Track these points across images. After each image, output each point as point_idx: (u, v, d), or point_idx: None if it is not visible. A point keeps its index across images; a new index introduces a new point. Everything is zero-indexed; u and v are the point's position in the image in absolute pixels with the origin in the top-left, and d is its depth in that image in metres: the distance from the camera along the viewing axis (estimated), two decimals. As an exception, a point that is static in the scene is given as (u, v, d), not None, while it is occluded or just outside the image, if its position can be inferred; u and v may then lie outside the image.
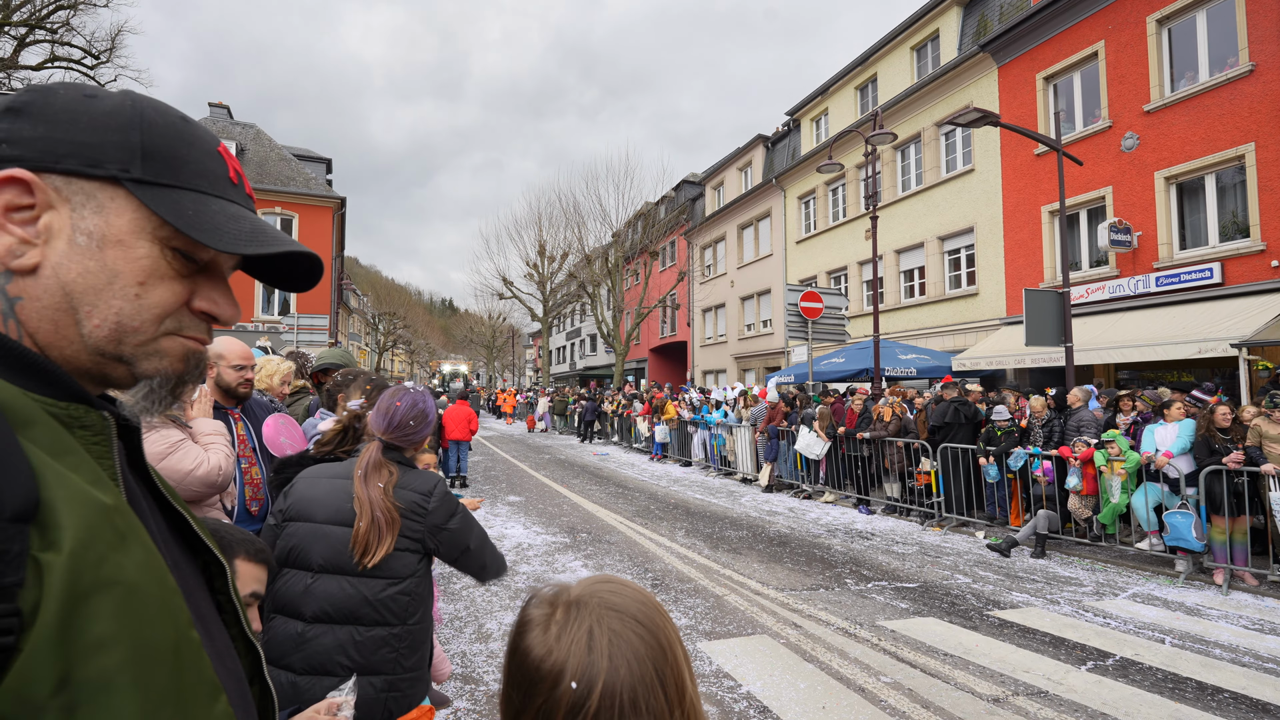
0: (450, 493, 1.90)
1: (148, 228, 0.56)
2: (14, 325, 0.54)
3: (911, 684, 3.72)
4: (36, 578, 0.43)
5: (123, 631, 0.47)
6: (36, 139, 0.53)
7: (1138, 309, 11.65)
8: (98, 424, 0.56)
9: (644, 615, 0.68)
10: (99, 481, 0.51)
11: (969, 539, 7.70)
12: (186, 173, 0.58)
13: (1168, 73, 11.66)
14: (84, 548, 0.46)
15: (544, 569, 6.12)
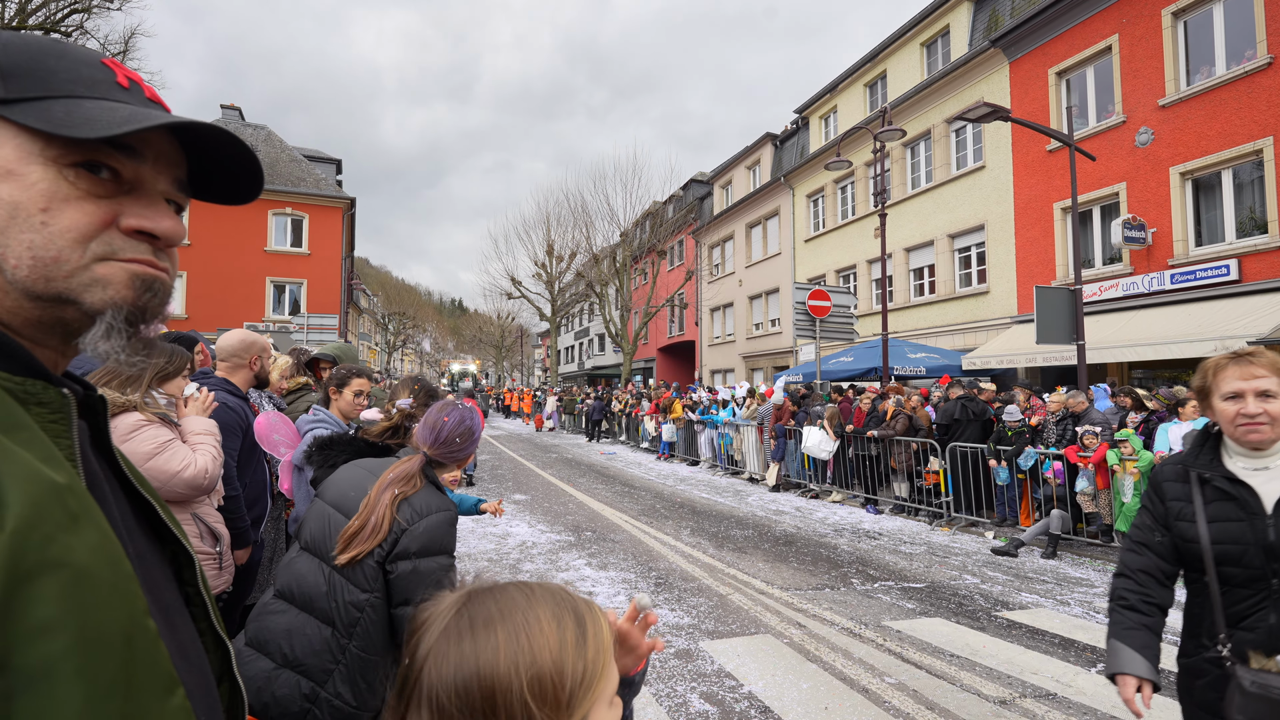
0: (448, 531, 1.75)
1: (34, 150, 0.51)
2: None
3: (916, 685, 3.66)
4: None
5: (68, 617, 0.44)
6: None
7: (1152, 307, 11.47)
8: (55, 401, 0.53)
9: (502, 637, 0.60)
10: (51, 459, 0.48)
11: (978, 539, 7.60)
12: (58, 81, 0.53)
13: (1183, 66, 11.47)
14: (29, 526, 0.43)
15: (548, 568, 6.10)
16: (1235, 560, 1.61)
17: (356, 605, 1.65)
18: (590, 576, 5.79)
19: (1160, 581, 1.79)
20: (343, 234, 25.49)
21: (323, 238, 24.60)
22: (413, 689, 0.60)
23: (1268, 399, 1.58)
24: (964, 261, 15.83)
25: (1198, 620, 1.73)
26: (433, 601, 0.66)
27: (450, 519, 1.76)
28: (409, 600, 1.65)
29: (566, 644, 0.61)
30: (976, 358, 13.15)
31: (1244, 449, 1.64)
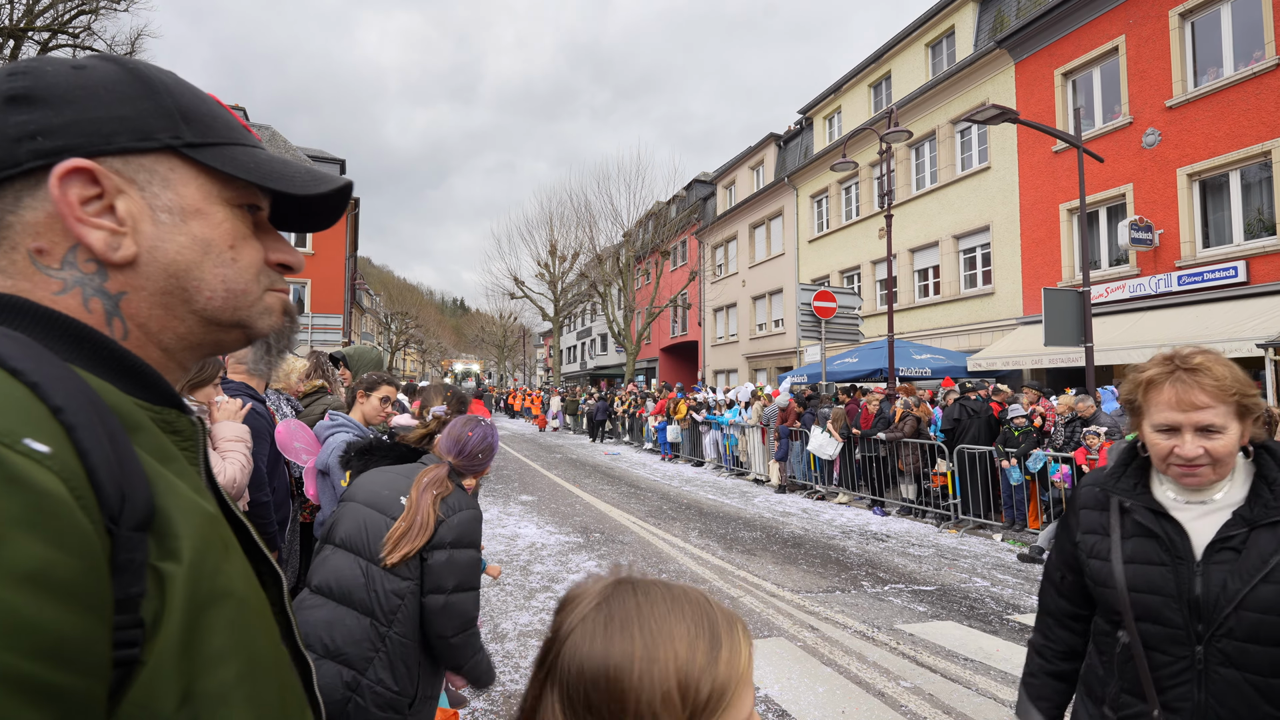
0: (477, 528, 1.90)
1: (214, 192, 0.55)
2: (119, 324, 0.52)
3: (932, 689, 3.66)
4: (157, 588, 0.42)
5: (237, 645, 0.46)
6: (73, 123, 0.49)
7: (1159, 308, 11.45)
8: (188, 429, 0.55)
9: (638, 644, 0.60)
10: (200, 489, 0.50)
11: (986, 541, 7.60)
12: (220, 127, 0.56)
13: (1190, 67, 11.45)
14: (200, 558, 0.45)
15: (558, 569, 6.11)
16: (1152, 615, 1.27)
17: (398, 593, 1.75)
18: (601, 578, 5.79)
19: (1068, 626, 1.50)
20: (346, 234, 25.53)
21: (326, 238, 24.61)
22: (552, 663, 0.62)
23: (1210, 435, 1.21)
24: (969, 263, 15.81)
25: (1099, 683, 1.40)
26: (590, 580, 0.68)
27: (478, 517, 1.92)
28: (440, 588, 1.78)
29: (695, 661, 0.61)
30: (982, 359, 13.14)
31: None
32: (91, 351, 0.49)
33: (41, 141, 0.48)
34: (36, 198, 0.49)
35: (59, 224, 0.49)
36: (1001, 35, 14.24)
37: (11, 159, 0.48)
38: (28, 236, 0.49)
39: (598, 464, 15.10)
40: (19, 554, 0.35)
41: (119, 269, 0.51)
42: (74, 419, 0.42)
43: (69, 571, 0.37)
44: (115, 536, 0.41)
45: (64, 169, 0.48)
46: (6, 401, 0.40)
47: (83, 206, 0.49)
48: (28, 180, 0.49)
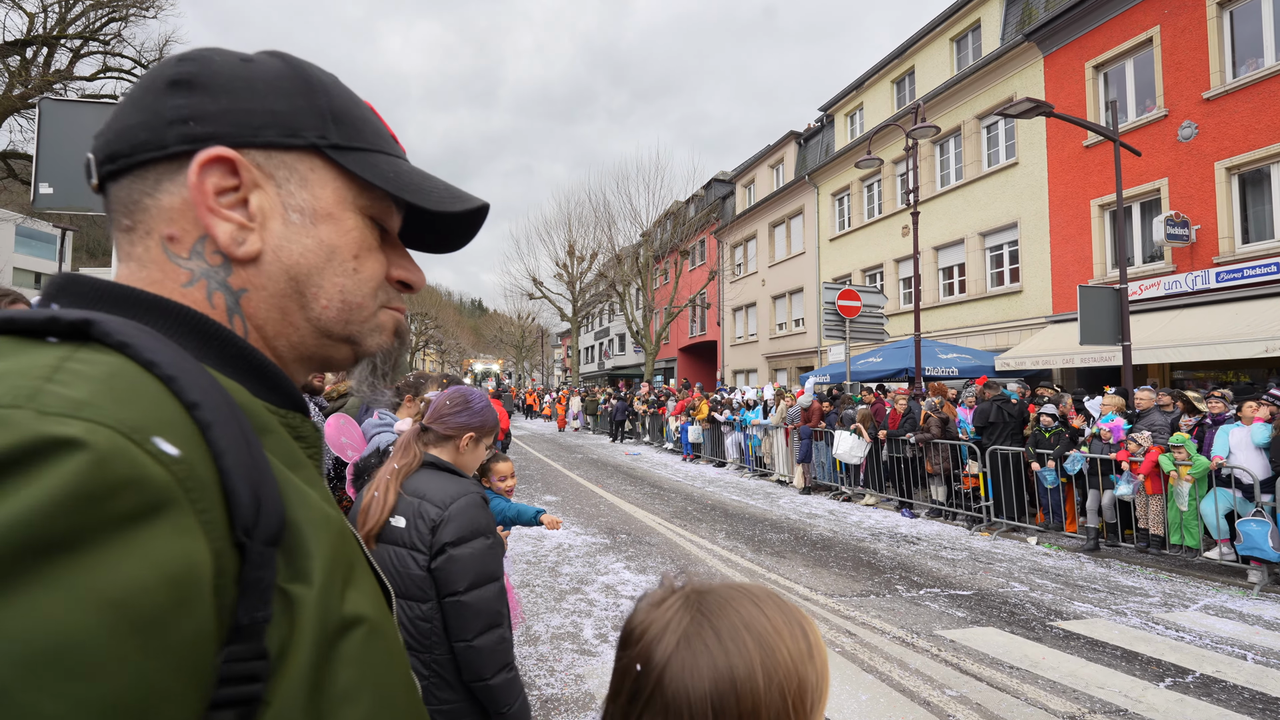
0: (480, 513, 1.66)
1: (349, 198, 0.52)
2: (239, 321, 0.49)
3: (979, 698, 3.56)
4: (286, 613, 0.37)
5: (367, 679, 0.41)
6: (225, 112, 0.48)
7: (1196, 306, 11.14)
8: (311, 435, 0.51)
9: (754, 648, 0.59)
10: (329, 500, 0.46)
11: (1021, 545, 7.43)
12: (369, 133, 0.54)
13: (1229, 58, 11.12)
14: (331, 579, 0.41)
15: (586, 570, 6.07)
16: None
17: (424, 618, 1.60)
18: (631, 580, 5.75)
19: None
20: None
21: (349, 239, 24.86)
22: (651, 696, 0.58)
23: None
24: (995, 260, 15.53)
25: None
26: (650, 603, 0.65)
27: (477, 501, 1.68)
28: (453, 590, 1.59)
29: (803, 654, 0.61)
30: (1010, 358, 12.89)
31: None
32: (220, 349, 0.46)
33: (192, 127, 0.47)
34: (176, 183, 0.47)
35: (191, 212, 0.47)
36: (1030, 28, 13.96)
37: (159, 141, 0.46)
38: (162, 222, 0.47)
39: (619, 464, 15.07)
40: (116, 573, 0.30)
41: (242, 264, 0.49)
42: (210, 416, 0.38)
43: (156, 604, 0.31)
44: (246, 551, 0.36)
45: (207, 156, 0.46)
46: (140, 395, 0.36)
47: (217, 197, 0.47)
48: (170, 165, 0.47)
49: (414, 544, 1.62)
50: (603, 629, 4.58)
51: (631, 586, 5.57)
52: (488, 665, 1.58)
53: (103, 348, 0.38)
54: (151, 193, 0.47)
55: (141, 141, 0.46)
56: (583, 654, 4.16)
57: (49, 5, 15.55)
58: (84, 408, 0.33)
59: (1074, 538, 7.47)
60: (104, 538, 0.30)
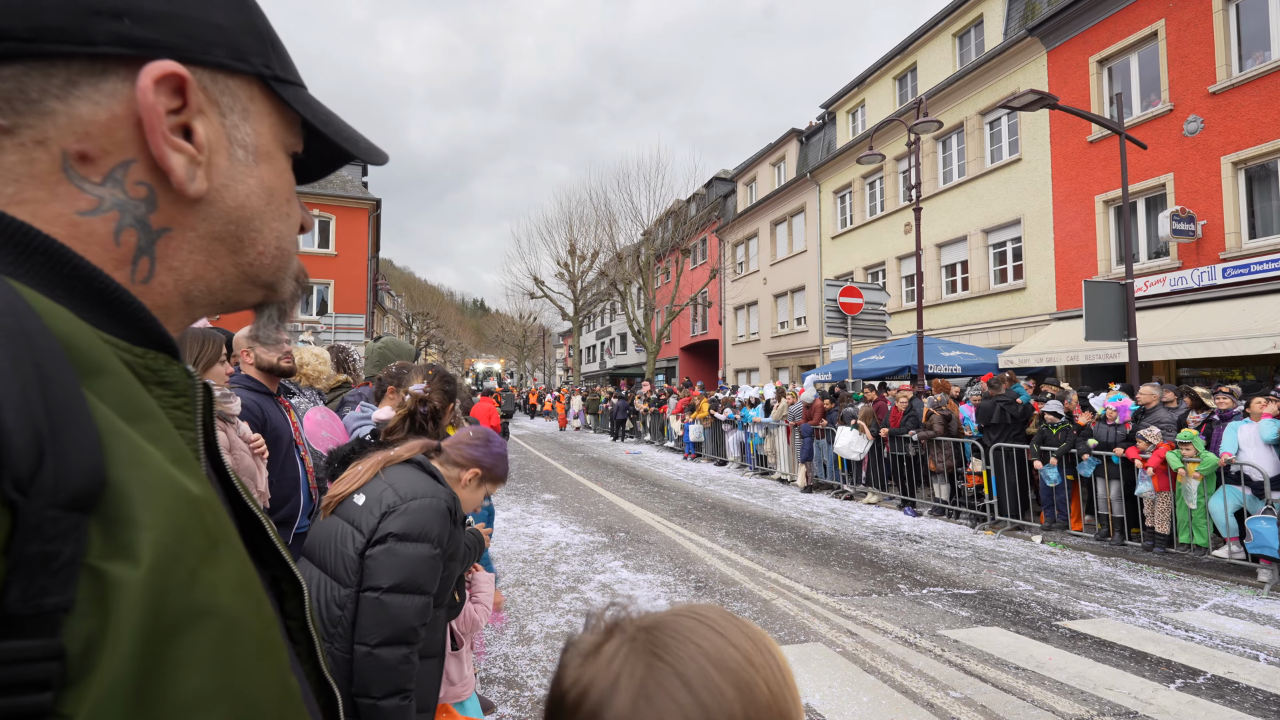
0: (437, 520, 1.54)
1: (280, 136, 0.47)
2: (146, 264, 0.41)
3: (984, 700, 3.46)
4: (97, 600, 0.28)
5: (222, 684, 0.32)
6: (168, 16, 0.40)
7: (1202, 302, 11.01)
8: (180, 381, 0.41)
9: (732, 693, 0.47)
10: (182, 460, 0.36)
11: (1025, 543, 7.32)
12: (291, 64, 0.48)
13: (1235, 52, 10.99)
14: (171, 559, 0.31)
15: (583, 569, 5.98)
16: None
17: (338, 603, 1.48)
18: (628, 579, 5.66)
19: None
20: (368, 235, 25.72)
21: (349, 239, 24.83)
22: None
23: None
24: (999, 257, 15.40)
25: None
26: (582, 655, 0.52)
27: (441, 508, 1.57)
28: (375, 585, 1.46)
29: (779, 681, 0.51)
30: (1014, 355, 12.77)
31: None
32: (45, 265, 0.36)
33: (129, 26, 0.38)
34: (101, 91, 0.38)
35: (124, 131, 0.39)
36: (1033, 23, 13.84)
37: (81, 34, 0.37)
38: (70, 135, 0.38)
39: (620, 463, 14.98)
40: None
41: (176, 202, 0.41)
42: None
43: None
44: (19, 513, 0.27)
45: (161, 71, 0.38)
46: None
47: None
48: (91, 65, 0.38)
49: (359, 523, 1.53)
50: (599, 629, 4.48)
51: (630, 585, 5.48)
52: (379, 682, 1.42)
53: None
54: (61, 96, 0.37)
55: (52, 27, 0.36)
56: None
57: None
58: None
59: (1079, 536, 7.36)
60: None
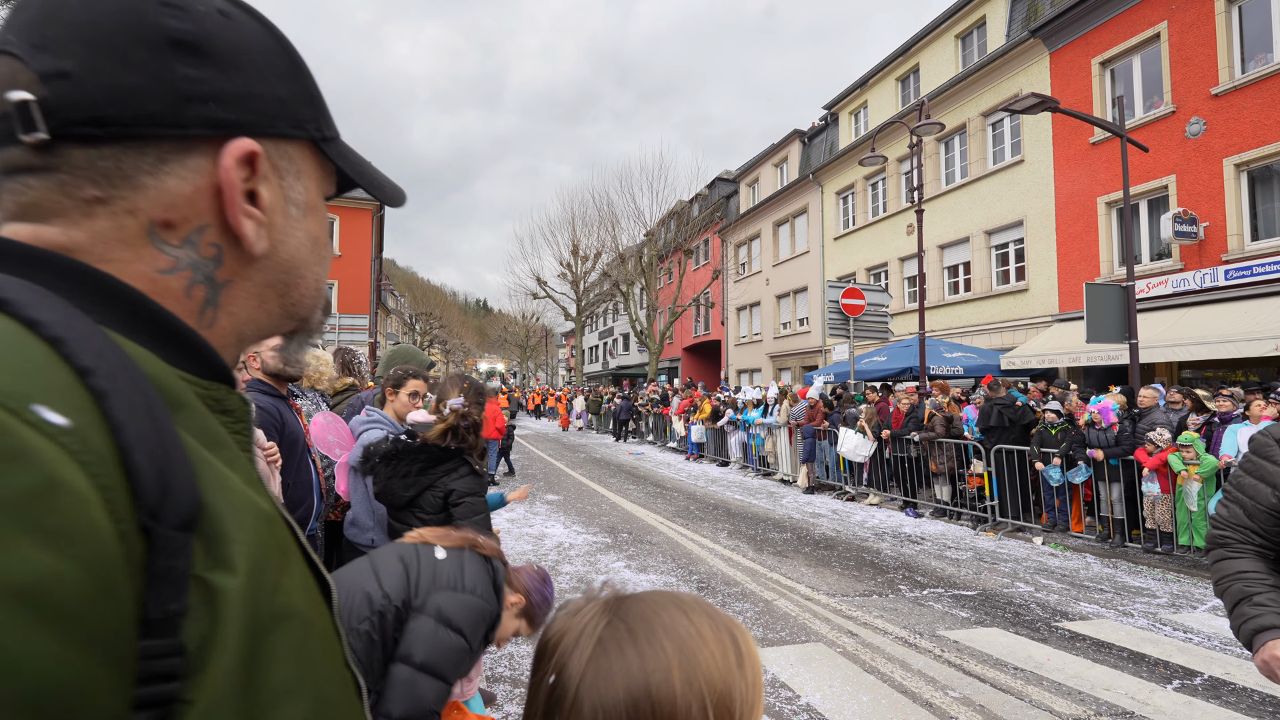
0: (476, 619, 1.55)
1: (322, 187, 0.52)
2: (210, 313, 0.46)
3: (983, 700, 3.50)
4: (205, 606, 0.33)
5: (304, 677, 0.38)
6: (244, 97, 0.44)
7: (1205, 304, 11.02)
8: (239, 409, 0.47)
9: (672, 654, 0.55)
10: (253, 482, 0.42)
11: (1026, 545, 7.35)
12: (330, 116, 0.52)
13: (1238, 54, 11.00)
14: (260, 569, 0.37)
15: (587, 569, 6.03)
16: None
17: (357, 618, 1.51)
18: (631, 580, 5.71)
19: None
20: (372, 236, 25.82)
21: (353, 239, 24.94)
22: (567, 710, 0.54)
23: None
24: (1001, 258, 15.41)
25: None
26: (568, 612, 0.61)
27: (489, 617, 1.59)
28: (411, 659, 1.49)
29: (730, 663, 0.57)
30: (1016, 357, 12.79)
31: None
32: (129, 312, 0.41)
33: (214, 110, 0.43)
34: (186, 167, 0.43)
35: (203, 201, 0.44)
36: (1036, 24, 13.86)
37: (175, 118, 0.42)
38: (158, 206, 0.43)
39: (622, 463, 15.03)
40: (13, 561, 0.27)
41: (242, 260, 0.46)
42: (106, 384, 0.34)
43: (74, 591, 0.28)
44: (153, 537, 0.32)
45: (242, 150, 0.44)
46: (16, 357, 0.32)
47: None
48: (180, 145, 0.43)
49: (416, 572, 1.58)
50: (602, 628, 4.53)
51: (632, 586, 5.52)
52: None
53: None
54: (153, 171, 0.42)
55: (151, 114, 0.41)
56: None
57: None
58: None
59: (1080, 537, 7.39)
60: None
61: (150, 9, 0.42)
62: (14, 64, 0.40)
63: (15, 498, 0.28)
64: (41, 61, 0.39)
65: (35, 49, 0.40)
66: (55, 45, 0.40)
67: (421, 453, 2.03)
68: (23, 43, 0.40)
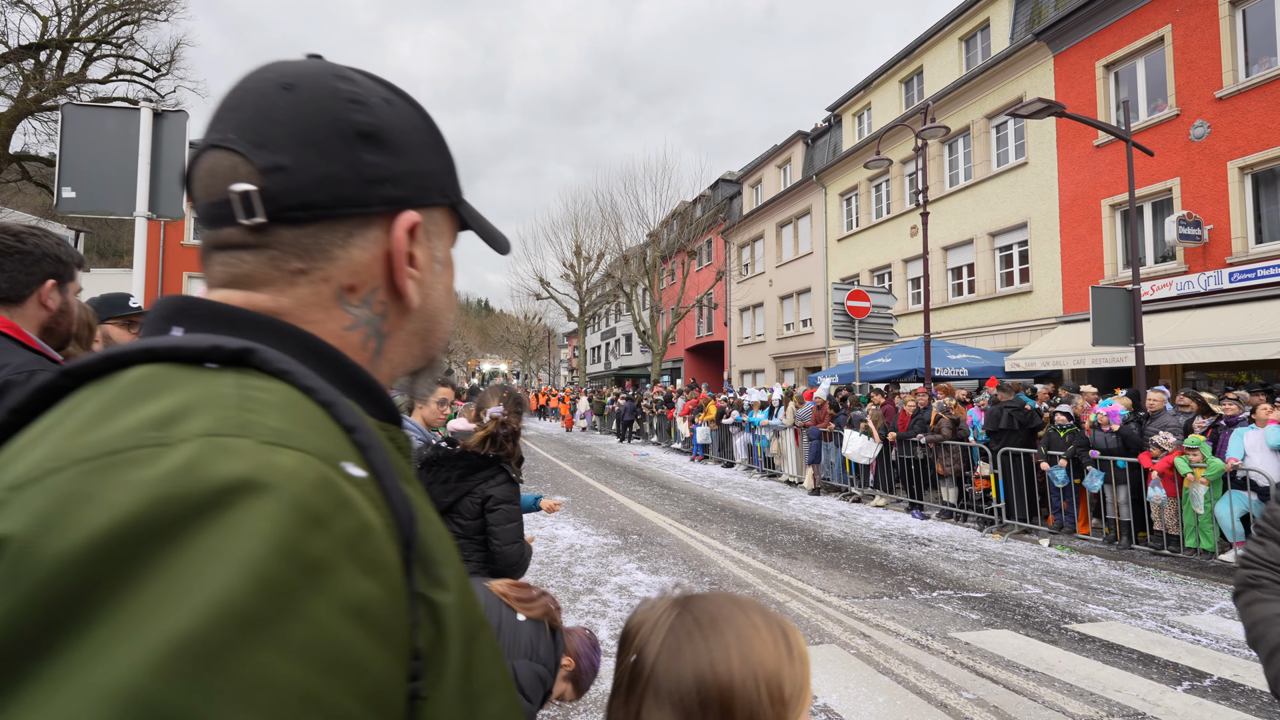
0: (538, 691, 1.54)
1: (453, 242, 0.59)
2: (378, 361, 0.54)
3: (996, 701, 3.56)
4: (430, 618, 0.40)
5: (498, 676, 0.46)
6: (409, 175, 0.52)
7: (1209, 306, 11.07)
8: (406, 445, 0.55)
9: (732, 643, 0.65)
10: (432, 509, 0.50)
11: (1033, 547, 7.41)
12: (458, 177, 0.60)
13: (1242, 57, 11.05)
14: (464, 587, 0.45)
15: (599, 571, 6.10)
16: None
17: None
18: (643, 581, 5.77)
19: None
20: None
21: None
22: (645, 685, 0.65)
23: None
24: (1005, 260, 15.46)
25: None
26: (645, 606, 0.72)
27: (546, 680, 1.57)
28: None
29: (781, 654, 0.66)
30: (1021, 359, 12.84)
31: None
32: (340, 371, 0.49)
33: (389, 189, 0.50)
34: (366, 238, 0.50)
35: (378, 267, 0.51)
36: (1040, 27, 13.90)
37: (362, 199, 0.49)
38: (345, 273, 0.50)
39: (627, 464, 15.09)
40: (351, 587, 0.33)
41: (400, 313, 0.54)
42: (366, 439, 0.41)
43: (386, 610, 0.35)
44: (408, 564, 0.39)
45: (410, 222, 0.51)
46: (317, 421, 0.39)
47: None
48: (362, 220, 0.50)
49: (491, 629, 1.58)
50: (618, 629, 4.60)
51: (645, 587, 5.59)
52: None
53: (264, 375, 0.41)
54: (343, 245, 0.49)
55: (345, 197, 0.48)
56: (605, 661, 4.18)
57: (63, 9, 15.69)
58: (289, 437, 0.36)
59: (1086, 540, 7.45)
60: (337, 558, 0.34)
61: (341, 107, 0.49)
62: (235, 159, 0.47)
63: (346, 537, 0.34)
64: (262, 157, 0.46)
65: (255, 146, 0.46)
66: (272, 143, 0.47)
67: (461, 459, 2.10)
68: (243, 140, 0.47)
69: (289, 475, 0.34)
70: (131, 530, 0.30)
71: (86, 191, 3.86)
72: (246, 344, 0.41)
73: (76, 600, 0.28)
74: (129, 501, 0.30)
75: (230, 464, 0.33)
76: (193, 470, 0.32)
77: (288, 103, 0.48)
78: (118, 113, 3.99)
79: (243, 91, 0.49)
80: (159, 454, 0.32)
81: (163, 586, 0.29)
